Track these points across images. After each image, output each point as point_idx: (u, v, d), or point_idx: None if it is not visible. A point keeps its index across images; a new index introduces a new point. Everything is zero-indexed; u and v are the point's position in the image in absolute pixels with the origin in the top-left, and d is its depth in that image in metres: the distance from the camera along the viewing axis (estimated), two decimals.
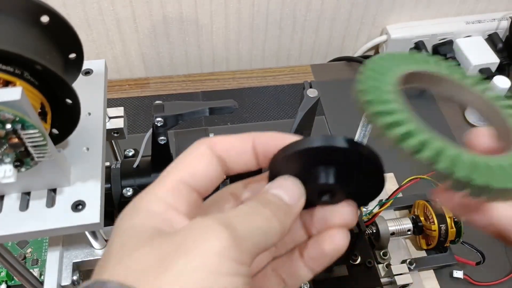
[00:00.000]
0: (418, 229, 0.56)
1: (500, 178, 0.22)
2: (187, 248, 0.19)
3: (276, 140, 0.24)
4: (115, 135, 0.50)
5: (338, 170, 0.24)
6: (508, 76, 0.73)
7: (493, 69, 0.84)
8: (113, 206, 0.47)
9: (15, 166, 0.32)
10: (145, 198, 0.22)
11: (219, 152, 0.24)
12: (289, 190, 0.24)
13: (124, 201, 0.46)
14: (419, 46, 0.86)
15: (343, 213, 0.25)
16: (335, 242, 0.25)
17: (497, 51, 0.85)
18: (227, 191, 0.26)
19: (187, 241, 0.19)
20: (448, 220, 0.54)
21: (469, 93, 0.28)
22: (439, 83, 0.28)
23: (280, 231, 0.22)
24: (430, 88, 0.28)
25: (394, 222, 0.56)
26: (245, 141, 0.24)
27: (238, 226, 0.20)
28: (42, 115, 0.33)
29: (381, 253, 0.56)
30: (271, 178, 0.25)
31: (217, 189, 0.25)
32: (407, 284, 0.55)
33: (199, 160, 0.23)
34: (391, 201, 0.55)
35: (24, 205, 0.35)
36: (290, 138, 0.24)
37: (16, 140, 0.30)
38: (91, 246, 0.40)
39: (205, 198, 0.24)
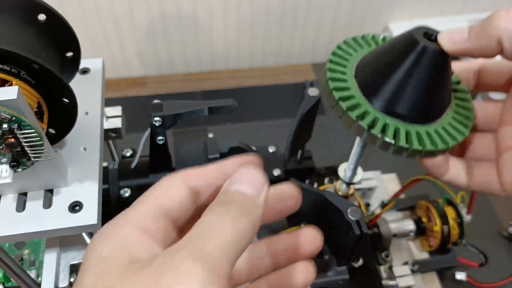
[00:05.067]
0: (420, 230, 0.56)
1: (427, 143, 0.29)
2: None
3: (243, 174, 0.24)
4: (113, 135, 0.49)
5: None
6: None
7: None
8: (111, 207, 0.46)
9: (12, 167, 0.31)
10: (119, 223, 0.22)
11: (191, 183, 0.24)
12: (250, 180, 0.23)
13: (122, 202, 0.46)
14: None
15: (313, 241, 0.28)
16: (309, 273, 0.28)
17: None
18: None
19: (162, 281, 0.18)
20: (451, 221, 0.53)
21: None
22: None
23: (251, 229, 0.22)
24: None
25: (396, 224, 0.55)
26: (215, 171, 0.25)
27: (211, 249, 0.19)
28: (39, 114, 0.33)
29: (383, 254, 0.55)
30: None
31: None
32: (409, 286, 0.54)
33: (174, 189, 0.23)
34: (393, 202, 0.55)
35: (20, 206, 0.35)
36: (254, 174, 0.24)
37: (12, 140, 0.30)
38: None
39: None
